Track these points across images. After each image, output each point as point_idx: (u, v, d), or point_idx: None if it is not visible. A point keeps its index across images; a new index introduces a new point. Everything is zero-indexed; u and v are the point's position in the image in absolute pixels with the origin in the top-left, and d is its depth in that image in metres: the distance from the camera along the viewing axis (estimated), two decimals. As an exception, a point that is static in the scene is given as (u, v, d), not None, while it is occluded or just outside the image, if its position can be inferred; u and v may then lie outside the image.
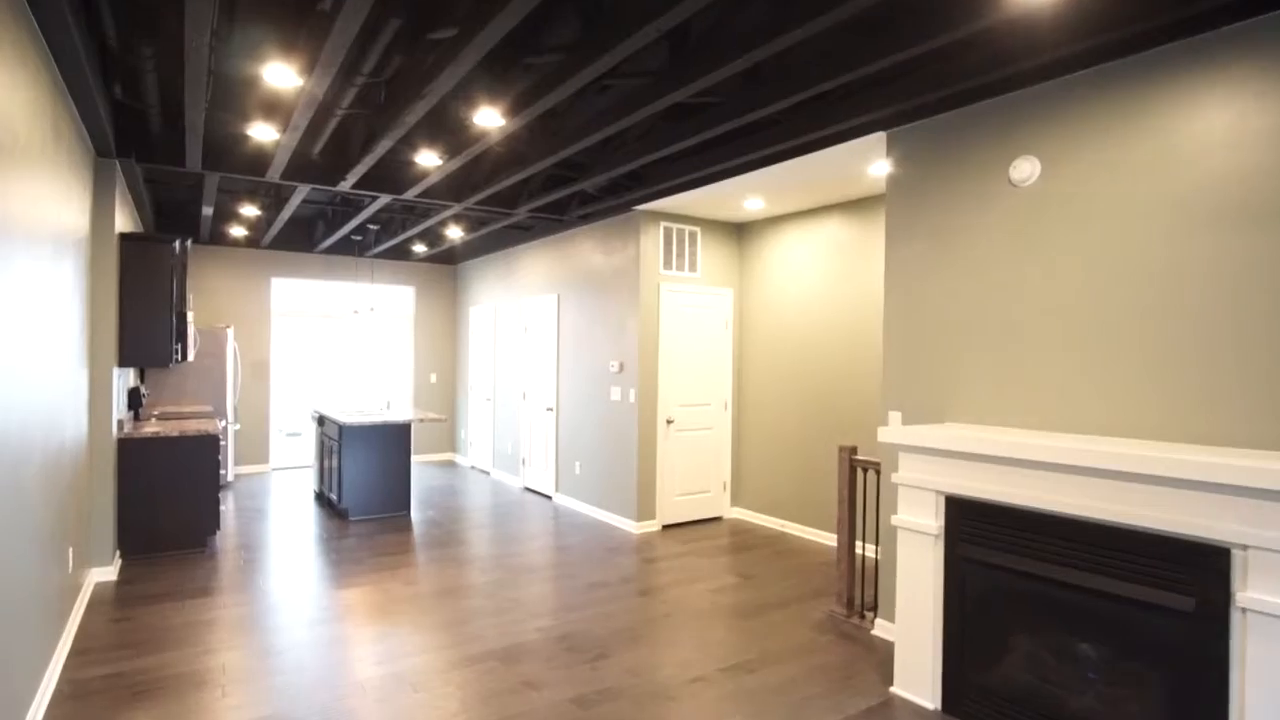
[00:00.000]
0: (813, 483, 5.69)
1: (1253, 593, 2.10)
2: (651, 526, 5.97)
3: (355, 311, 8.71)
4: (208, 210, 6.28)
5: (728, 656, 3.50)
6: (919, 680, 3.00)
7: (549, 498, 7.23)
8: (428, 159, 4.54)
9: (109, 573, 4.52)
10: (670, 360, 6.06)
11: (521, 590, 4.43)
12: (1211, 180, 2.57)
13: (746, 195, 5.29)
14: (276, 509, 6.67)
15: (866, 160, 4.28)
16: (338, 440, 6.29)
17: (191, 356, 6.94)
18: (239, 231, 7.72)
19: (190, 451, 5.09)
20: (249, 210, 6.57)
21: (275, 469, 8.80)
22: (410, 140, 4.43)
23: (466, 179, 5.46)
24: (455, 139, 4.32)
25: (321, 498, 7.06)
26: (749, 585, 4.56)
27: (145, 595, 4.24)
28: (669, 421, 6.05)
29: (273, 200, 6.38)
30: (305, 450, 9.17)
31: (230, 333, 7.68)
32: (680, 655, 3.50)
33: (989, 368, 3.27)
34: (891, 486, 3.68)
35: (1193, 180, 2.62)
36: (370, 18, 2.92)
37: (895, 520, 3.08)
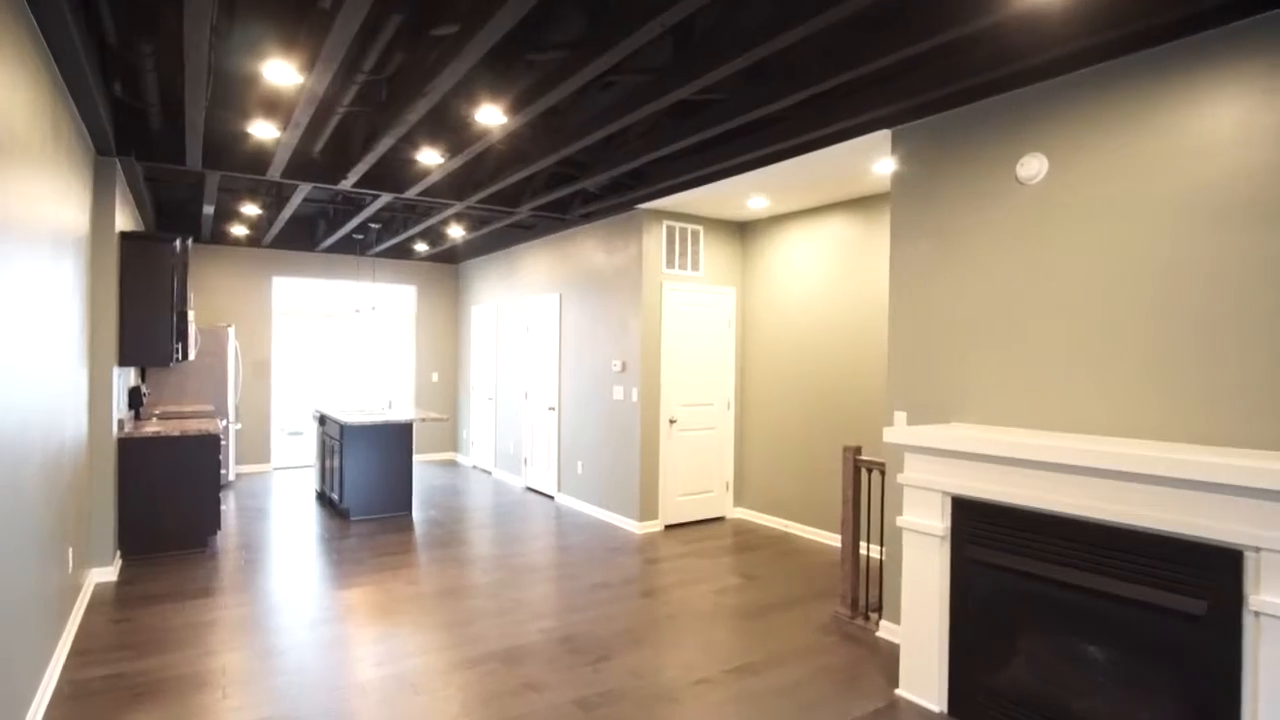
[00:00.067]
0: (816, 483, 5.66)
1: (1266, 596, 2.07)
2: (654, 527, 5.95)
3: (357, 311, 8.70)
4: (209, 209, 6.26)
5: (731, 658, 3.47)
6: (925, 683, 2.98)
7: (551, 498, 7.20)
8: (429, 157, 4.52)
9: (109, 573, 4.50)
10: (673, 360, 6.03)
11: (523, 591, 4.40)
12: (1221, 177, 2.54)
13: (750, 194, 5.27)
14: (278, 509, 6.65)
15: (871, 158, 4.25)
16: (339, 440, 6.27)
17: (193, 356, 6.93)
18: (240, 230, 7.70)
19: (191, 451, 5.07)
20: (250, 209, 6.55)
21: (277, 468, 8.79)
22: (412, 138, 4.41)
23: (468, 177, 5.44)
24: (457, 137, 4.29)
25: (323, 497, 7.04)
26: (752, 586, 4.54)
27: (146, 596, 4.23)
28: (671, 421, 6.03)
29: (274, 199, 6.36)
30: (307, 450, 9.16)
31: (231, 332, 7.66)
32: (683, 657, 3.48)
33: (995, 368, 3.24)
34: (896, 487, 3.65)
35: (1202, 177, 2.59)
36: (371, 14, 2.89)
37: (901, 521, 3.05)
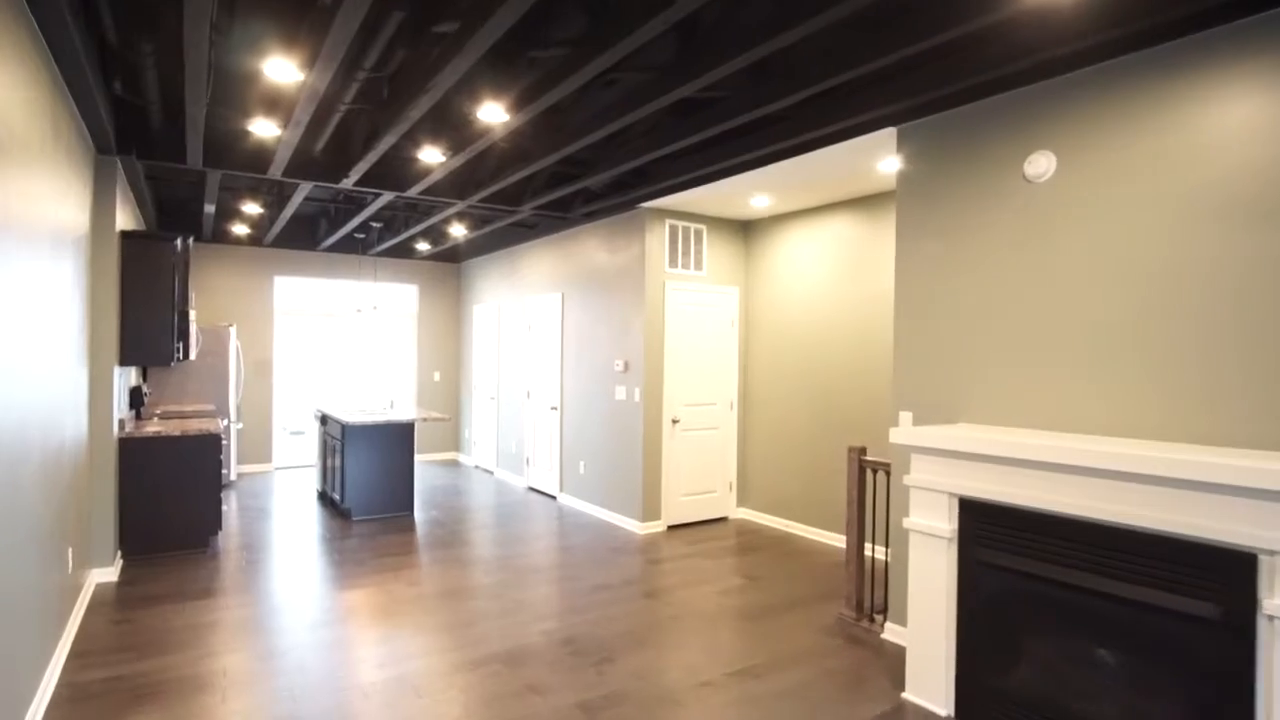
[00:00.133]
0: (819, 483, 5.63)
1: (1280, 600, 2.04)
2: (656, 527, 5.92)
3: (358, 310, 8.68)
4: (210, 208, 6.24)
5: (735, 660, 3.44)
6: (931, 686, 2.95)
7: (553, 498, 7.18)
8: (431, 155, 4.49)
9: (110, 573, 4.48)
10: (675, 359, 6.00)
11: (526, 592, 4.38)
12: (1230, 175, 2.51)
13: (753, 192, 5.23)
14: (279, 509, 6.63)
15: (876, 156, 4.21)
16: (340, 440, 6.25)
17: (194, 355, 6.91)
18: (241, 229, 7.68)
19: (192, 451, 5.05)
20: (251, 208, 6.53)
21: (278, 468, 8.77)
22: (413, 136, 4.38)
23: (470, 176, 5.41)
24: (459, 135, 4.26)
25: (324, 497, 7.02)
26: (756, 587, 4.51)
27: (146, 596, 4.21)
28: (674, 421, 6.00)
29: (275, 198, 6.34)
30: (308, 449, 9.14)
31: (233, 331, 7.64)
32: (687, 659, 3.45)
33: (1003, 367, 3.21)
34: (901, 488, 3.62)
35: (1212, 175, 2.56)
36: (372, 11, 2.87)
37: (907, 523, 3.02)
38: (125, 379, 5.26)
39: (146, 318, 4.89)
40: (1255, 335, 2.44)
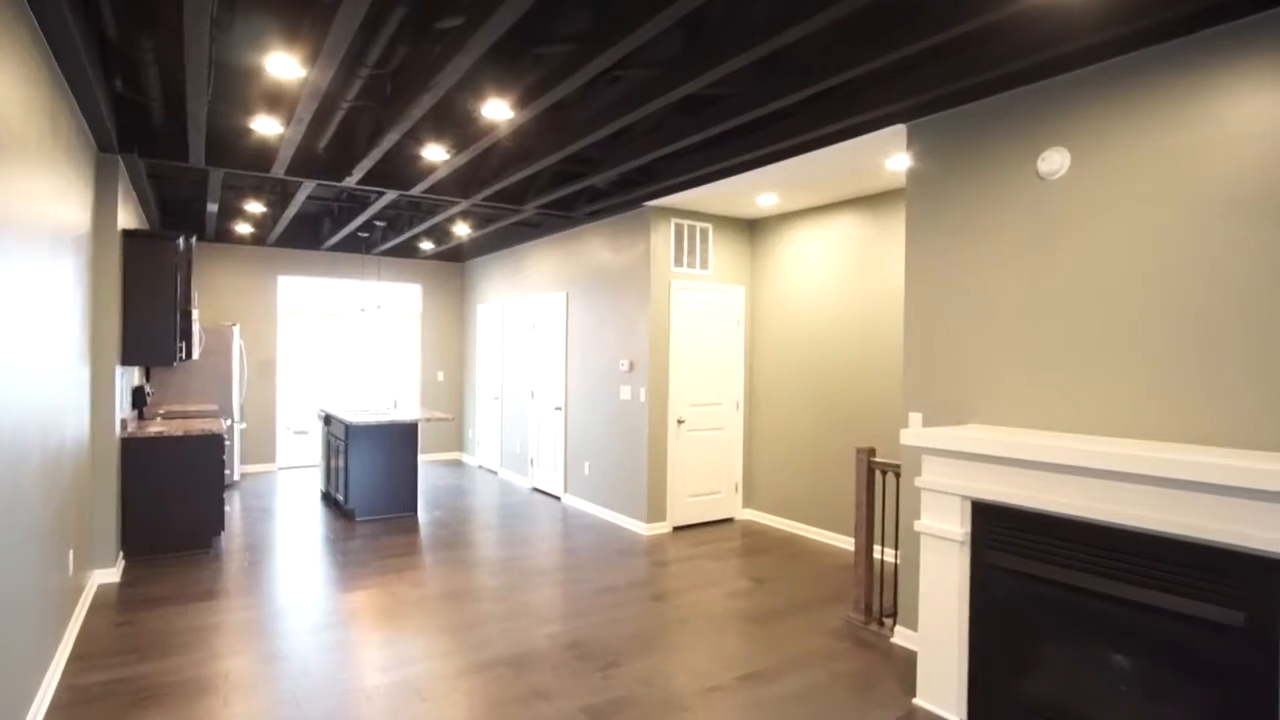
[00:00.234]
0: (826, 484, 5.57)
1: (1304, 606, 1.99)
2: (662, 528, 5.87)
3: (362, 310, 8.65)
4: (213, 207, 6.21)
5: (743, 664, 3.40)
6: (943, 691, 2.90)
7: (557, 498, 7.14)
8: (435, 153, 4.45)
9: (112, 574, 4.45)
10: (681, 359, 5.96)
11: (530, 594, 4.34)
12: (1254, 171, 2.45)
13: (759, 191, 5.18)
14: (282, 509, 6.61)
15: (885, 154, 4.16)
16: (344, 440, 6.22)
17: (197, 355, 6.89)
18: (244, 229, 7.66)
19: (194, 451, 5.02)
20: (254, 207, 6.51)
21: (282, 468, 8.75)
22: (417, 134, 4.34)
23: (474, 174, 5.37)
24: (462, 133, 4.22)
25: (328, 497, 7.00)
26: (763, 589, 4.46)
27: (148, 598, 4.18)
28: (680, 421, 5.95)
29: (278, 196, 6.31)
30: (312, 449, 9.12)
31: (236, 331, 7.62)
32: (694, 663, 3.41)
33: (1015, 368, 3.15)
34: (911, 490, 3.57)
35: (1233, 171, 2.50)
36: (374, 7, 2.82)
37: (919, 526, 2.97)
38: (128, 379, 5.24)
39: (149, 317, 4.86)
40: None
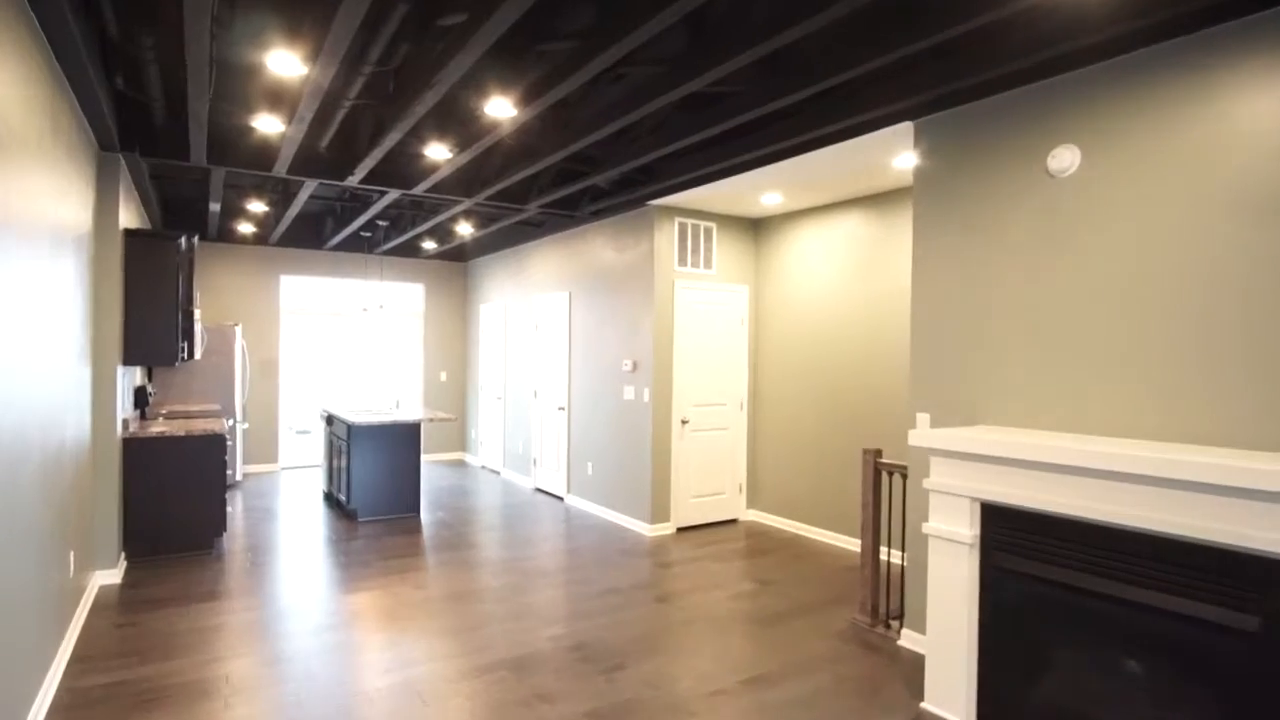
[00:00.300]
0: (831, 485, 5.54)
1: (1323, 612, 1.95)
2: (665, 529, 5.84)
3: (364, 309, 8.63)
4: (215, 206, 6.19)
5: (748, 667, 3.36)
6: (952, 696, 2.86)
7: (560, 499, 7.11)
8: (437, 152, 4.42)
9: (113, 575, 4.43)
10: (685, 359, 5.92)
11: (533, 595, 4.31)
12: (1262, 169, 2.41)
13: (764, 190, 5.15)
14: (284, 510, 6.59)
15: (891, 152, 4.12)
16: (346, 440, 6.20)
17: (199, 355, 6.87)
18: (247, 228, 7.64)
19: (196, 451, 5.00)
20: (257, 206, 6.48)
21: (284, 468, 8.73)
22: (419, 132, 4.32)
23: (476, 173, 5.34)
24: (465, 131, 4.20)
25: (330, 498, 6.98)
26: (767, 591, 4.42)
27: (150, 599, 4.15)
28: (684, 421, 5.92)
29: (280, 196, 6.29)
30: (315, 449, 9.10)
31: (239, 330, 7.60)
32: (699, 666, 3.37)
33: (1024, 368, 3.12)
34: (919, 491, 3.53)
35: (1242, 170, 2.46)
36: (375, 3, 2.79)
37: (927, 528, 2.93)
38: (129, 379, 5.22)
39: (151, 317, 4.84)
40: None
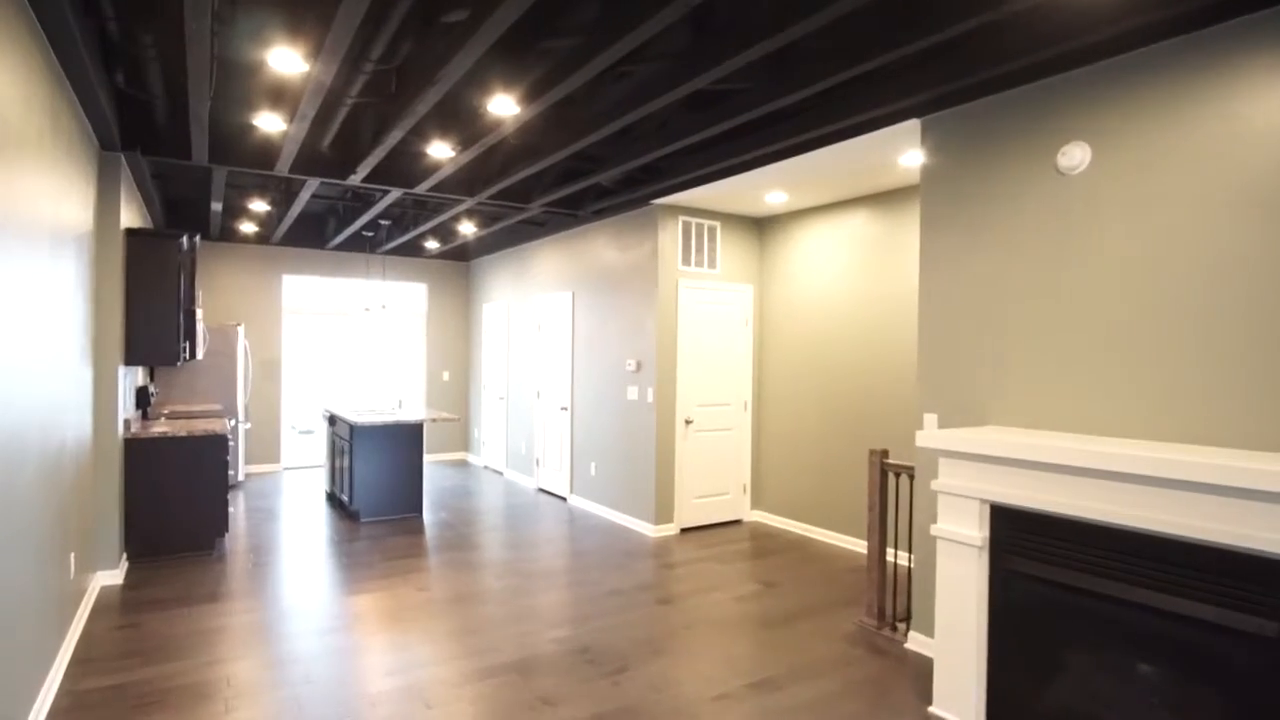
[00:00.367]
0: (836, 486, 5.50)
1: (1343, 617, 1.91)
2: (669, 530, 5.81)
3: (367, 309, 8.61)
4: (217, 206, 6.17)
5: (753, 671, 3.33)
6: (961, 700, 2.82)
7: (564, 499, 7.08)
8: (440, 150, 4.39)
9: (115, 576, 4.41)
10: (689, 359, 5.89)
11: (537, 597, 4.28)
12: (1275, 167, 2.37)
13: (769, 188, 5.11)
14: (287, 510, 6.56)
15: (898, 150, 4.08)
16: (349, 440, 6.18)
17: (201, 355, 6.85)
18: (249, 228, 7.62)
19: (198, 451, 4.98)
20: (259, 206, 6.46)
21: (287, 468, 8.71)
22: (422, 131, 4.29)
23: (479, 172, 5.31)
24: (468, 129, 4.16)
25: (332, 498, 6.95)
26: (772, 593, 4.39)
27: (151, 600, 4.13)
28: (688, 422, 5.88)
29: (282, 195, 6.27)
30: (317, 449, 9.08)
31: (241, 330, 7.58)
32: (704, 669, 3.34)
33: (1034, 368, 3.08)
34: (926, 493, 3.49)
35: (1263, 166, 2.42)
36: (377, 0, 2.77)
37: (935, 530, 2.90)
38: (131, 379, 5.20)
39: (152, 317, 4.81)
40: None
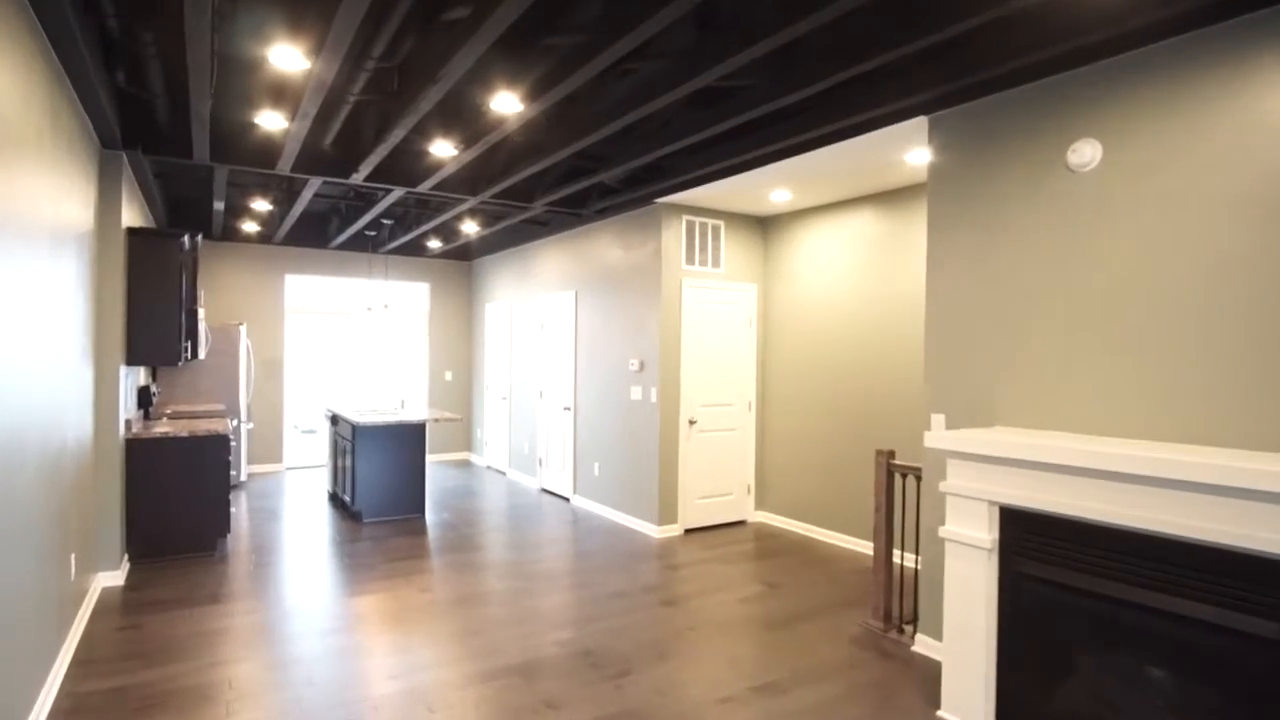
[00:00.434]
0: (841, 486, 5.46)
1: (1363, 622, 1.87)
2: (673, 531, 5.78)
3: (369, 309, 8.59)
4: (219, 205, 6.15)
5: (759, 674, 3.29)
6: (969, 704, 2.78)
7: (567, 499, 7.05)
8: (442, 149, 4.36)
9: (116, 577, 4.39)
10: (692, 359, 5.85)
11: (540, 599, 4.25)
12: (1301, 162, 2.33)
13: (773, 187, 5.07)
14: (289, 510, 6.54)
15: (904, 147, 4.04)
16: (351, 440, 6.15)
17: (203, 354, 6.83)
18: (251, 227, 7.61)
19: (200, 452, 4.96)
20: (261, 205, 6.44)
21: (289, 468, 8.70)
22: (424, 129, 4.26)
23: (482, 171, 5.29)
24: (471, 127, 4.14)
25: (335, 499, 6.93)
26: (777, 595, 4.35)
27: (152, 601, 4.11)
28: (691, 422, 5.85)
29: (285, 194, 6.25)
30: (320, 449, 9.06)
31: (243, 330, 7.56)
32: (708, 672, 3.31)
33: (1043, 367, 3.04)
34: (933, 494, 3.46)
35: (1269, 164, 2.38)
36: (379, -5, 2.74)
37: (944, 532, 2.86)
38: (133, 379, 5.18)
39: (154, 316, 4.79)
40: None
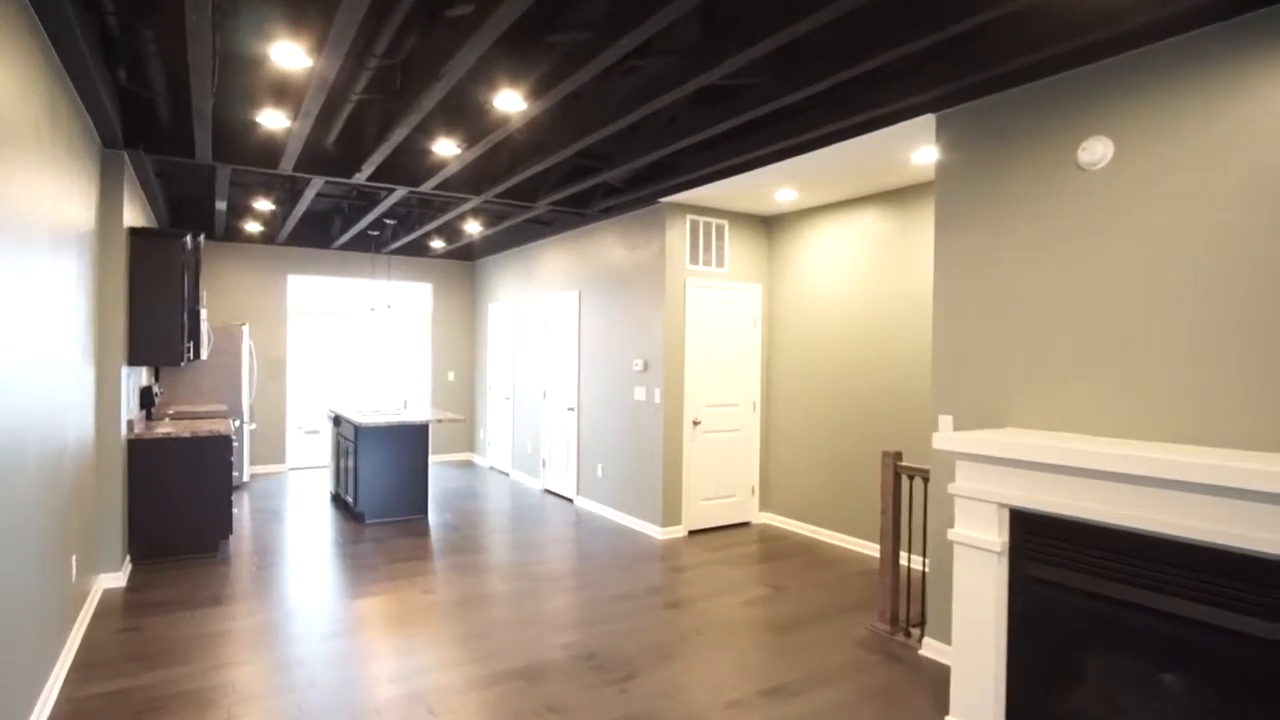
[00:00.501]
0: (846, 488, 5.42)
1: (1385, 628, 1.83)
2: (677, 532, 5.74)
3: (372, 309, 8.57)
4: (221, 205, 6.13)
5: (765, 677, 3.26)
6: (978, 709, 2.75)
7: (570, 500, 7.02)
8: (445, 148, 4.34)
9: (118, 578, 4.37)
10: (696, 359, 5.82)
11: (544, 601, 4.22)
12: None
13: (778, 186, 5.04)
14: (291, 511, 6.52)
15: (911, 146, 4.01)
16: (354, 441, 6.13)
17: (205, 355, 6.81)
18: (254, 227, 7.59)
19: (202, 452, 4.94)
20: (263, 205, 6.42)
21: (292, 469, 8.68)
22: (427, 128, 4.23)
23: (485, 170, 5.26)
24: (474, 126, 4.11)
25: (337, 499, 6.91)
26: (782, 597, 4.32)
27: (154, 603, 4.09)
28: (695, 423, 5.81)
29: (287, 194, 6.23)
30: (322, 450, 9.05)
31: (246, 330, 7.55)
32: (714, 676, 3.27)
33: (1053, 368, 3.00)
34: (941, 496, 3.42)
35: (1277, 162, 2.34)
36: (381, -8, 2.71)
37: (952, 534, 2.82)
38: (135, 379, 5.16)
39: (156, 317, 4.77)
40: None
